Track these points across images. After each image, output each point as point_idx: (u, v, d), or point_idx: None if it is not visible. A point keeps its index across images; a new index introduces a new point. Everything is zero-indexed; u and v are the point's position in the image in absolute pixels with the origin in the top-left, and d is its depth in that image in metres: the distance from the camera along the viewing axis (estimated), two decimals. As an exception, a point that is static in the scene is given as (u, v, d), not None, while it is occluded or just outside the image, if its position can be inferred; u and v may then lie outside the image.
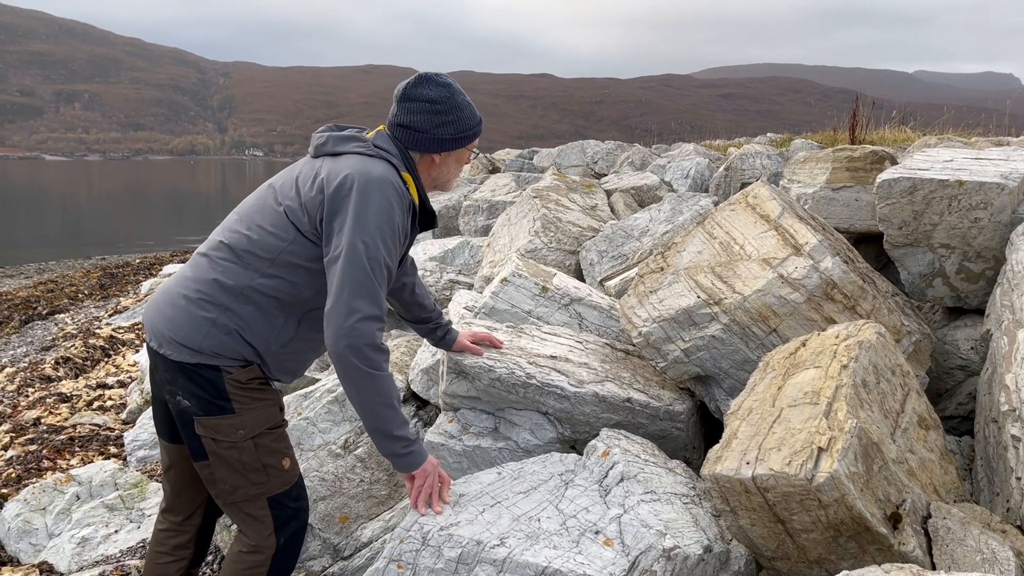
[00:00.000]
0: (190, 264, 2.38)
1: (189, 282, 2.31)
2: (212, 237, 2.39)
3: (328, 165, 2.31)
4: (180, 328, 2.26)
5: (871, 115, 9.31)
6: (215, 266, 2.30)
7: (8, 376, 6.48)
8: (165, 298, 2.34)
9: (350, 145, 2.37)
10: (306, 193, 2.27)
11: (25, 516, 3.71)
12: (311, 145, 2.44)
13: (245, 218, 2.35)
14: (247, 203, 2.41)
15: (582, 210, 5.78)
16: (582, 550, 2.12)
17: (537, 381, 2.89)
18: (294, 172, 2.38)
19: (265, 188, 2.40)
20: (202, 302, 2.27)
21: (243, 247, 2.29)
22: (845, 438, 1.99)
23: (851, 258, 3.11)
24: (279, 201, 2.31)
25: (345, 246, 2.18)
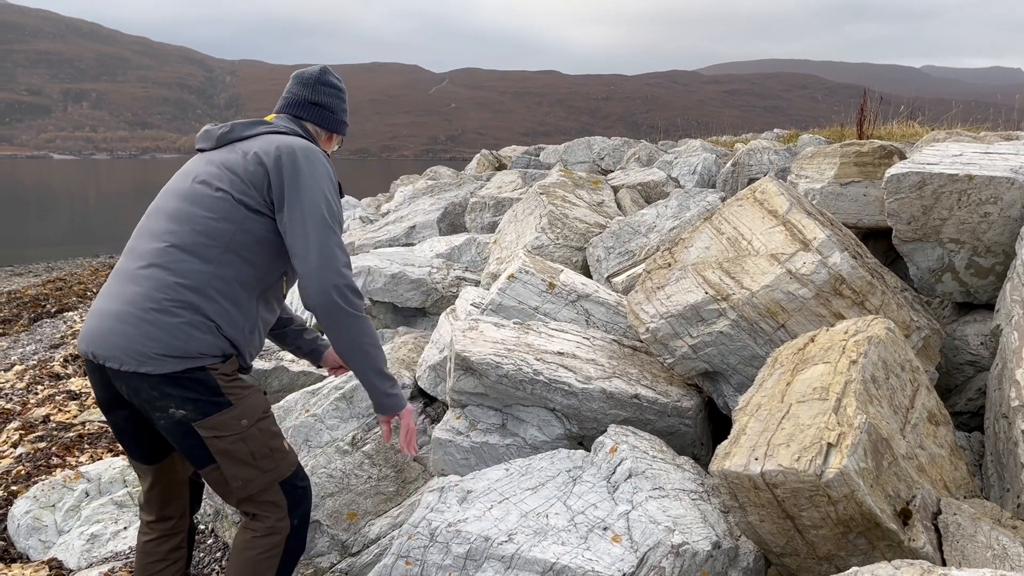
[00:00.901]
0: (130, 280, 2.27)
1: (147, 295, 2.22)
2: (144, 247, 2.32)
3: (250, 145, 2.38)
4: (159, 341, 2.18)
5: (879, 110, 9.26)
6: (169, 270, 2.24)
7: (17, 374, 6.50)
8: (122, 320, 2.22)
9: (259, 128, 2.45)
10: (245, 169, 2.31)
11: (35, 513, 3.72)
12: (209, 138, 2.47)
13: (179, 216, 2.31)
14: (168, 206, 2.37)
15: (589, 206, 5.77)
16: (590, 546, 2.12)
17: (544, 377, 2.88)
18: (209, 163, 2.39)
19: (185, 187, 2.37)
20: (172, 309, 2.21)
21: (192, 242, 2.27)
22: (854, 434, 1.98)
23: (860, 253, 3.09)
24: (216, 188, 2.31)
25: (306, 205, 2.26)
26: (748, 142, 9.08)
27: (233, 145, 2.42)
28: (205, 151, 2.47)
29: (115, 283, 2.32)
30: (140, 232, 2.39)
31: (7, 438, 4.97)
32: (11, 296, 11.25)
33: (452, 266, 5.84)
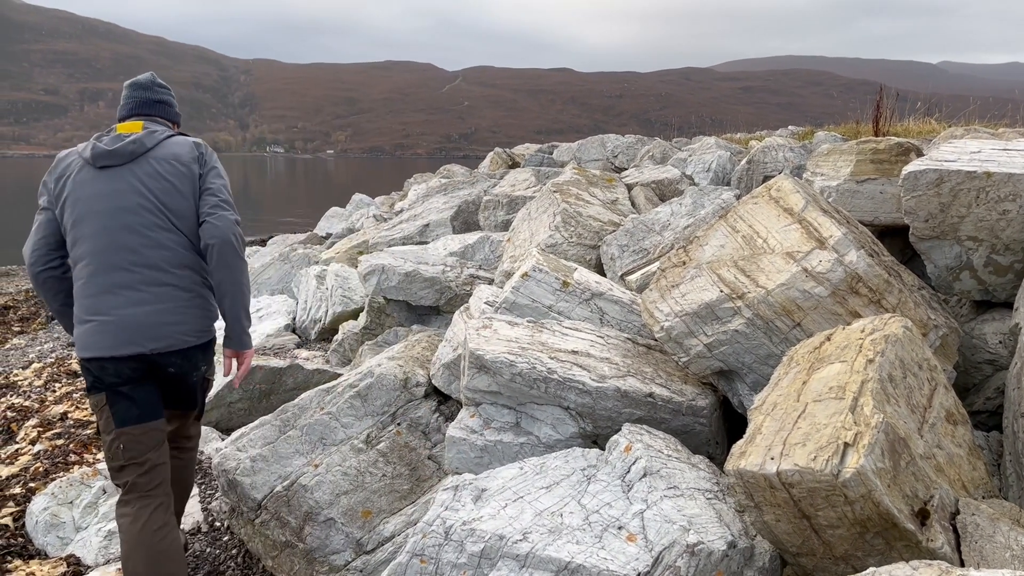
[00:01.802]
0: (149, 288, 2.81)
1: (179, 296, 2.87)
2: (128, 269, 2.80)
3: (168, 150, 2.93)
4: (199, 321, 2.92)
5: (895, 107, 9.19)
6: (174, 261, 2.87)
7: (35, 371, 6.56)
8: (169, 315, 2.84)
9: (160, 137, 2.96)
10: (190, 170, 2.92)
11: (52, 510, 3.75)
12: (114, 157, 2.86)
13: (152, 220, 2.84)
14: (129, 222, 2.82)
15: (603, 204, 5.76)
16: (605, 545, 2.11)
17: (558, 376, 2.88)
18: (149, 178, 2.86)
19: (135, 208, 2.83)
20: (196, 300, 2.92)
21: (179, 239, 2.89)
22: (872, 433, 1.96)
23: (876, 251, 3.07)
24: (181, 193, 2.89)
25: (217, 180, 2.95)
26: (763, 139, 9.04)
27: (146, 156, 2.90)
28: (111, 168, 2.86)
29: (135, 291, 2.80)
30: (114, 247, 2.80)
31: (25, 435, 5.02)
32: (29, 294, 11.34)
33: (466, 264, 5.84)
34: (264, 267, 8.89)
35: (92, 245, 2.79)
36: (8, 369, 7.02)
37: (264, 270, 8.78)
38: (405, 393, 3.64)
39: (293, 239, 12.23)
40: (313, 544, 3.10)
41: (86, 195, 2.82)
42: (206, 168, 2.96)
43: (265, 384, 4.81)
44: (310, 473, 3.24)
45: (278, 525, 3.20)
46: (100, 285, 2.78)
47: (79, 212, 2.82)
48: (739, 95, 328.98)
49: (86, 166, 2.86)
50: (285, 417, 3.57)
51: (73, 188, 2.85)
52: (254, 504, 3.27)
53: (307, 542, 3.11)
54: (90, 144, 2.90)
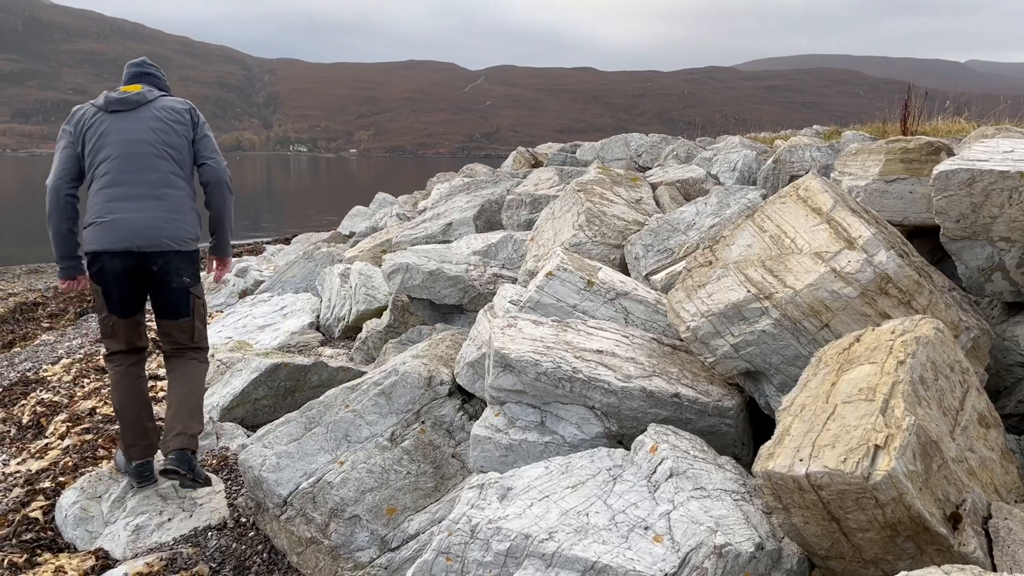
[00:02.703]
0: (150, 198, 3.66)
1: (172, 206, 3.69)
2: (145, 178, 3.67)
3: (166, 103, 3.87)
4: (187, 227, 3.72)
5: (923, 106, 9.08)
6: (175, 189, 3.73)
7: (64, 367, 6.65)
8: (162, 222, 3.65)
9: (156, 94, 3.89)
10: (182, 117, 3.84)
11: (82, 504, 3.80)
12: (125, 104, 3.78)
13: (159, 155, 3.71)
14: (142, 151, 3.70)
15: (627, 204, 5.74)
16: (631, 546, 2.11)
17: (584, 375, 2.88)
18: (152, 120, 3.77)
19: (147, 137, 3.72)
20: (186, 212, 3.74)
21: (176, 171, 3.75)
22: (903, 436, 1.94)
23: (906, 252, 3.04)
24: (180, 134, 3.80)
25: (210, 134, 3.92)
26: (788, 139, 8.97)
27: (149, 105, 3.81)
28: (123, 112, 3.76)
29: (131, 201, 3.63)
30: (126, 168, 3.66)
31: (55, 430, 5.08)
32: (57, 291, 11.50)
33: (489, 263, 5.85)
34: (288, 265, 8.95)
35: (106, 167, 3.66)
36: (37, 365, 7.12)
37: (288, 268, 8.85)
38: (429, 391, 3.65)
39: (317, 237, 12.32)
40: (338, 541, 3.11)
41: (102, 132, 3.70)
42: (199, 123, 3.89)
43: (290, 381, 4.85)
44: (335, 470, 3.26)
45: (303, 522, 3.22)
46: (108, 195, 3.64)
47: (98, 145, 3.69)
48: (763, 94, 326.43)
49: (100, 112, 3.76)
50: (310, 414, 3.60)
51: (92, 128, 3.72)
52: (279, 500, 3.30)
53: (332, 539, 3.13)
54: (102, 97, 3.82)
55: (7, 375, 6.95)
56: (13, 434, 5.23)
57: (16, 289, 12.56)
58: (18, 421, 5.40)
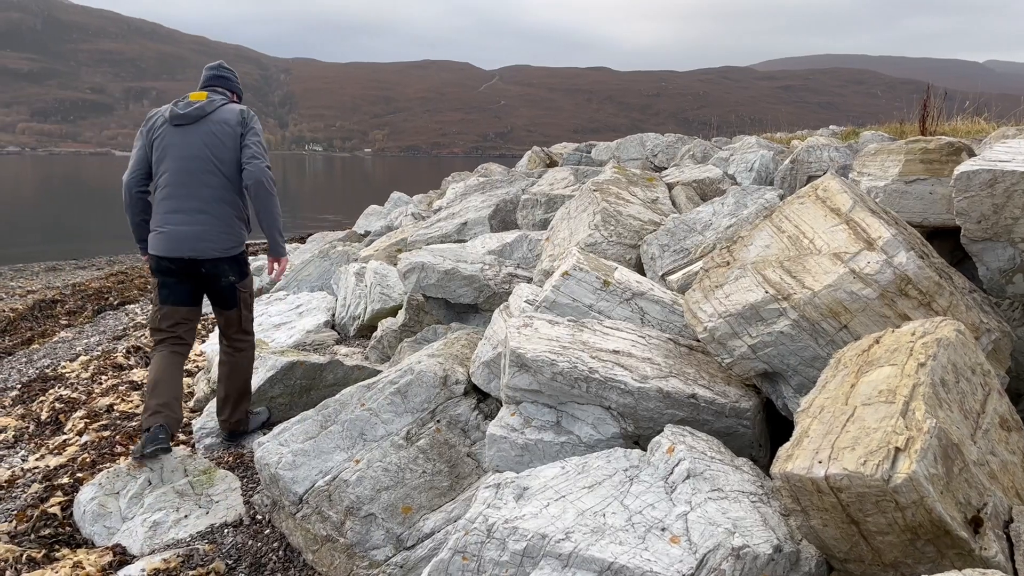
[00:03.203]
0: (200, 212, 4.12)
1: (218, 219, 4.15)
2: (197, 193, 4.12)
3: (222, 115, 4.22)
4: (230, 240, 4.19)
5: (942, 106, 9.00)
6: (223, 202, 4.16)
7: (83, 364, 6.70)
8: (209, 233, 4.13)
9: (217, 105, 4.25)
10: (235, 130, 4.17)
11: (100, 500, 3.83)
12: (185, 119, 4.17)
13: (211, 170, 4.13)
14: (195, 167, 4.12)
15: (643, 203, 5.72)
16: (648, 547, 2.10)
17: (600, 376, 2.87)
18: (205, 135, 4.15)
19: (201, 153, 4.13)
20: (231, 224, 4.20)
21: (226, 185, 4.16)
22: (924, 438, 1.92)
23: (926, 253, 3.01)
24: (230, 148, 4.15)
25: (253, 137, 4.20)
26: (804, 139, 8.91)
27: (207, 119, 4.19)
28: (184, 125, 4.17)
29: (182, 214, 4.11)
30: (179, 185, 4.12)
31: (73, 426, 5.13)
32: (76, 288, 11.60)
33: (504, 263, 5.85)
34: (304, 264, 8.98)
35: (165, 180, 4.14)
36: (56, 362, 7.18)
37: (304, 267, 8.88)
38: (445, 391, 3.65)
39: (332, 236, 12.36)
40: (354, 539, 3.12)
41: (165, 144, 4.16)
42: (247, 129, 4.19)
43: (305, 380, 4.86)
44: (351, 468, 3.27)
45: (319, 519, 3.23)
46: (165, 207, 4.15)
47: (160, 155, 4.17)
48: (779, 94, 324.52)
49: (166, 123, 4.20)
50: (326, 413, 3.61)
51: (159, 137, 4.19)
52: (295, 498, 3.31)
53: (348, 537, 3.14)
54: (169, 108, 4.24)
55: (26, 372, 7.02)
56: (32, 430, 5.28)
57: (35, 286, 12.68)
58: (37, 417, 5.45)
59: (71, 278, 13.67)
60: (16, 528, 3.78)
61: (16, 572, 3.38)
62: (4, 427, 5.40)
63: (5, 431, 5.31)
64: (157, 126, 4.22)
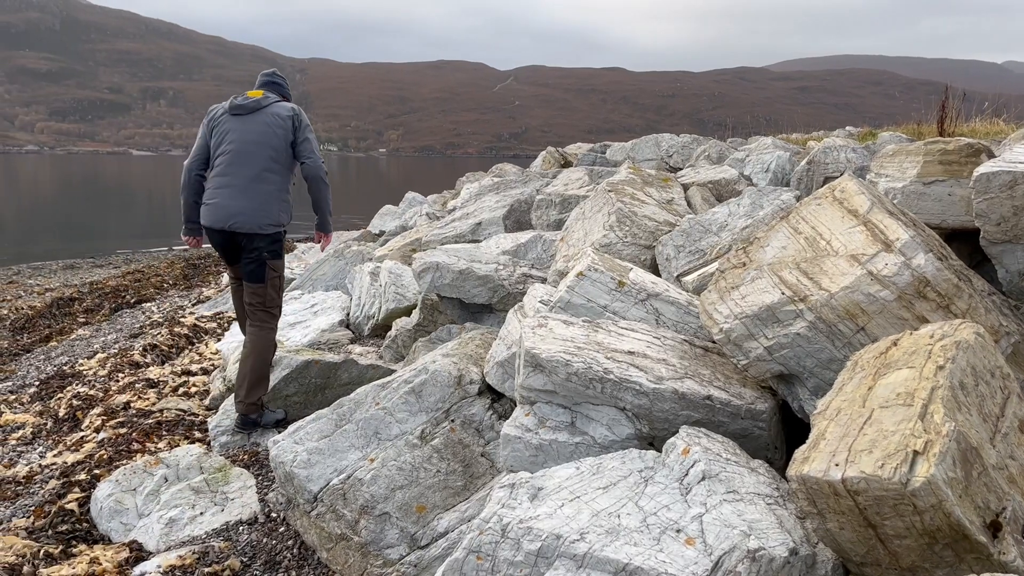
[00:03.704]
0: (245, 190, 4.57)
1: (261, 198, 4.58)
2: (245, 172, 4.58)
3: (276, 109, 4.72)
4: (268, 219, 4.60)
5: (961, 107, 8.92)
6: (266, 183, 4.60)
7: (100, 361, 6.76)
8: (250, 210, 4.56)
9: (271, 101, 4.76)
10: (283, 124, 4.66)
11: (116, 496, 3.86)
12: (243, 109, 4.68)
13: (259, 154, 4.59)
14: (247, 149, 4.60)
15: (658, 204, 5.71)
16: (663, 548, 2.09)
17: (615, 376, 2.86)
18: (258, 123, 4.65)
19: (253, 138, 4.61)
20: (272, 203, 4.62)
21: (270, 168, 4.61)
22: (942, 442, 1.91)
23: (944, 255, 2.98)
24: (281, 137, 4.63)
25: (310, 135, 4.73)
26: (820, 140, 8.86)
27: (262, 111, 4.69)
28: (242, 115, 4.67)
29: (233, 191, 4.57)
30: (232, 165, 4.59)
31: (90, 423, 5.17)
32: (93, 287, 11.69)
33: (518, 263, 5.84)
34: (319, 263, 9.02)
35: (221, 160, 4.64)
36: (74, 359, 7.25)
37: (319, 266, 8.91)
38: (459, 390, 3.66)
39: (347, 236, 12.41)
40: (368, 538, 3.13)
41: (224, 130, 4.68)
42: (300, 125, 4.70)
43: (320, 379, 4.88)
44: (366, 467, 3.28)
45: (334, 518, 3.24)
46: (216, 183, 4.63)
47: (218, 140, 4.68)
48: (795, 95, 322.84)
49: (226, 113, 4.72)
50: (341, 411, 3.62)
51: (218, 125, 4.71)
52: (310, 496, 3.32)
53: (362, 535, 3.15)
54: (229, 101, 4.78)
55: (44, 369, 7.08)
56: (50, 427, 5.33)
57: (53, 284, 12.80)
58: (55, 414, 5.50)
59: (88, 276, 13.79)
60: (34, 524, 3.81)
61: (34, 567, 3.41)
62: (22, 424, 5.45)
63: (23, 428, 5.37)
64: (217, 116, 4.76)
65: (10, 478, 4.48)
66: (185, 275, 12.91)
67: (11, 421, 5.54)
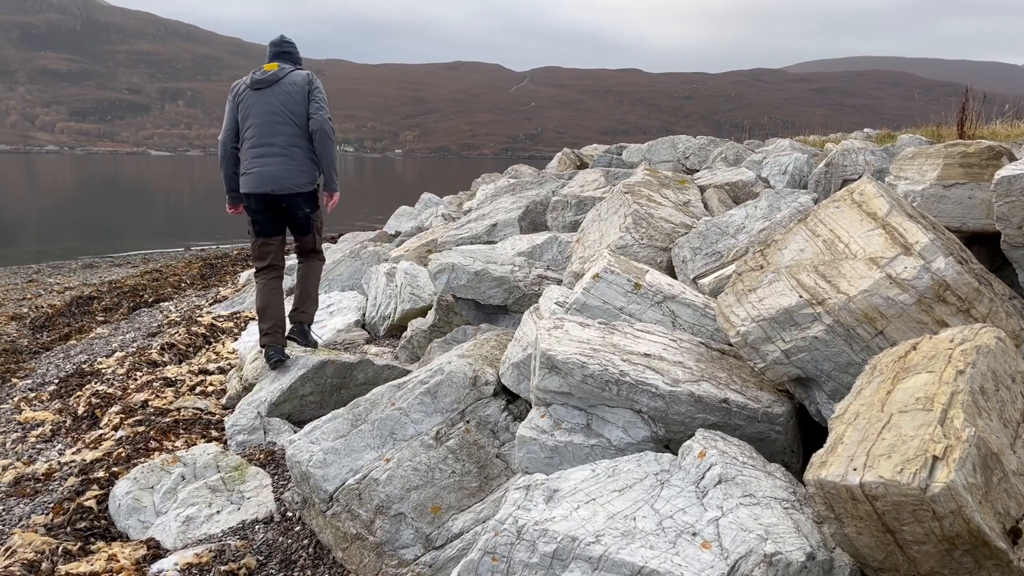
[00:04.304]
0: (278, 155, 5.08)
1: (294, 161, 5.10)
2: (275, 140, 5.09)
3: (290, 79, 5.19)
4: (304, 178, 5.14)
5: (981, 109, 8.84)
6: (298, 148, 5.12)
7: (118, 360, 6.81)
8: (286, 173, 5.08)
9: (287, 71, 5.22)
10: (300, 91, 5.15)
11: (135, 494, 3.89)
12: (263, 83, 5.17)
13: (285, 122, 5.10)
14: (274, 119, 5.10)
15: (674, 206, 5.69)
16: (679, 551, 2.09)
17: (631, 379, 2.86)
18: (280, 94, 5.14)
19: (277, 108, 5.12)
20: (304, 165, 5.14)
21: (298, 133, 5.12)
22: (962, 447, 1.89)
23: (965, 259, 2.96)
24: (300, 103, 5.12)
25: (318, 95, 5.19)
26: (838, 142, 8.80)
27: (280, 82, 5.16)
28: (262, 88, 5.15)
29: (266, 158, 5.07)
30: (261, 135, 5.09)
31: (108, 421, 5.21)
32: (112, 286, 11.79)
33: (534, 264, 5.84)
34: (335, 264, 9.05)
35: (251, 132, 5.13)
36: (92, 357, 7.31)
37: (335, 267, 8.95)
38: (474, 391, 3.66)
39: (363, 236, 12.44)
40: (383, 538, 3.14)
41: (248, 104, 5.16)
42: (312, 88, 5.17)
43: (336, 378, 4.90)
44: (381, 467, 3.29)
45: (349, 517, 3.25)
46: (252, 154, 5.11)
47: (245, 114, 5.17)
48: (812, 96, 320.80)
49: (248, 88, 5.19)
50: (357, 411, 3.64)
51: (243, 100, 5.20)
52: (326, 496, 3.34)
53: (377, 535, 3.16)
54: (249, 76, 5.23)
55: (63, 367, 7.15)
56: (69, 424, 5.37)
57: (72, 283, 12.92)
58: (74, 412, 5.55)
59: (107, 275, 13.91)
60: (53, 521, 3.85)
61: (53, 564, 3.44)
62: (42, 421, 5.51)
63: (43, 425, 5.42)
64: (240, 92, 5.23)
65: (30, 475, 4.52)
66: (202, 275, 12.99)
67: (31, 418, 5.59)
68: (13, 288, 12.50)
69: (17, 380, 6.87)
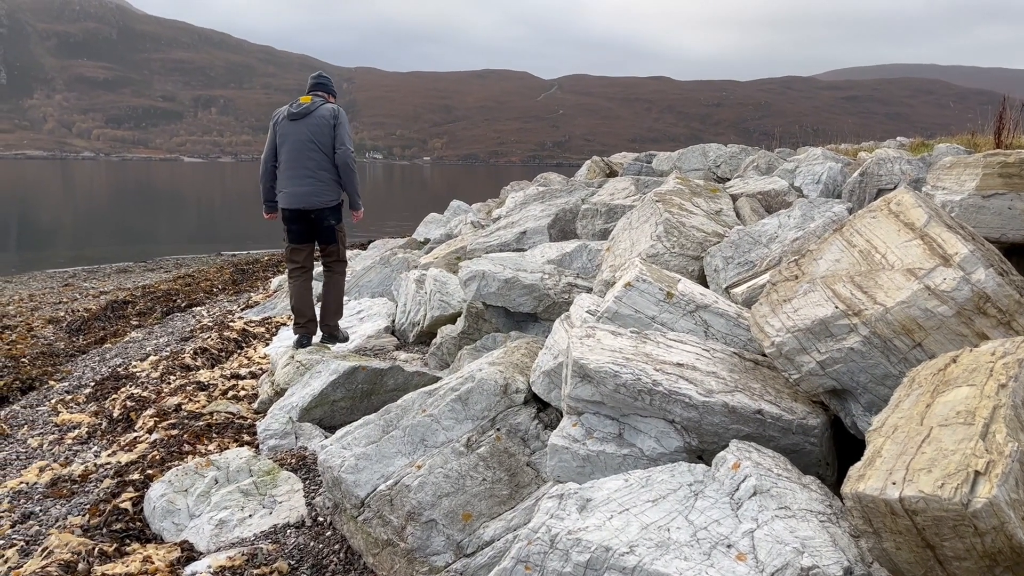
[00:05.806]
0: (306, 178, 6.09)
1: (321, 182, 6.09)
2: (304, 165, 6.06)
3: (319, 113, 6.09)
4: (329, 196, 6.17)
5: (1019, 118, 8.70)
6: (324, 171, 6.10)
7: (152, 364, 6.91)
8: (314, 192, 6.10)
9: (318, 104, 6.13)
10: (328, 124, 6.06)
11: (169, 497, 3.94)
12: (297, 116, 6.10)
13: (314, 150, 6.05)
14: (304, 148, 6.07)
15: (706, 215, 5.66)
16: (714, 563, 2.07)
17: (664, 388, 2.85)
18: (309, 126, 6.07)
19: (306, 139, 6.06)
20: (330, 184, 6.15)
21: (324, 159, 6.08)
22: (1005, 462, 1.86)
23: (1005, 270, 2.91)
24: (326, 134, 6.04)
25: (342, 131, 6.11)
26: (871, 151, 8.71)
27: (311, 115, 6.07)
28: (296, 120, 6.08)
29: (298, 179, 6.08)
30: (294, 160, 6.07)
31: (143, 424, 5.29)
32: (145, 291, 11.97)
33: (564, 272, 5.84)
34: (365, 270, 9.11)
35: (286, 156, 6.09)
36: (127, 361, 7.42)
37: (365, 273, 9.01)
38: (505, 399, 3.67)
39: (393, 243, 12.51)
40: (414, 544, 3.15)
41: (284, 133, 6.12)
42: (338, 123, 6.08)
43: (367, 384, 4.93)
44: (412, 474, 3.30)
45: (380, 523, 3.27)
46: (286, 176, 6.10)
47: (281, 141, 6.13)
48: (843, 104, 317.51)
49: (285, 118, 6.13)
50: (388, 417, 3.65)
51: (281, 129, 6.14)
52: (357, 501, 3.35)
53: (408, 542, 3.17)
54: (287, 107, 6.18)
55: (99, 370, 7.27)
56: (104, 427, 5.46)
57: (107, 288, 13.14)
58: (109, 415, 5.64)
59: (141, 280, 14.12)
60: (89, 522, 3.91)
61: (89, 565, 3.49)
62: (78, 423, 5.60)
63: (79, 427, 5.51)
64: (279, 121, 6.19)
65: (66, 476, 4.60)
66: (234, 280, 13.14)
67: (67, 421, 5.69)
68: (50, 292, 12.73)
69: (54, 383, 7.00)
